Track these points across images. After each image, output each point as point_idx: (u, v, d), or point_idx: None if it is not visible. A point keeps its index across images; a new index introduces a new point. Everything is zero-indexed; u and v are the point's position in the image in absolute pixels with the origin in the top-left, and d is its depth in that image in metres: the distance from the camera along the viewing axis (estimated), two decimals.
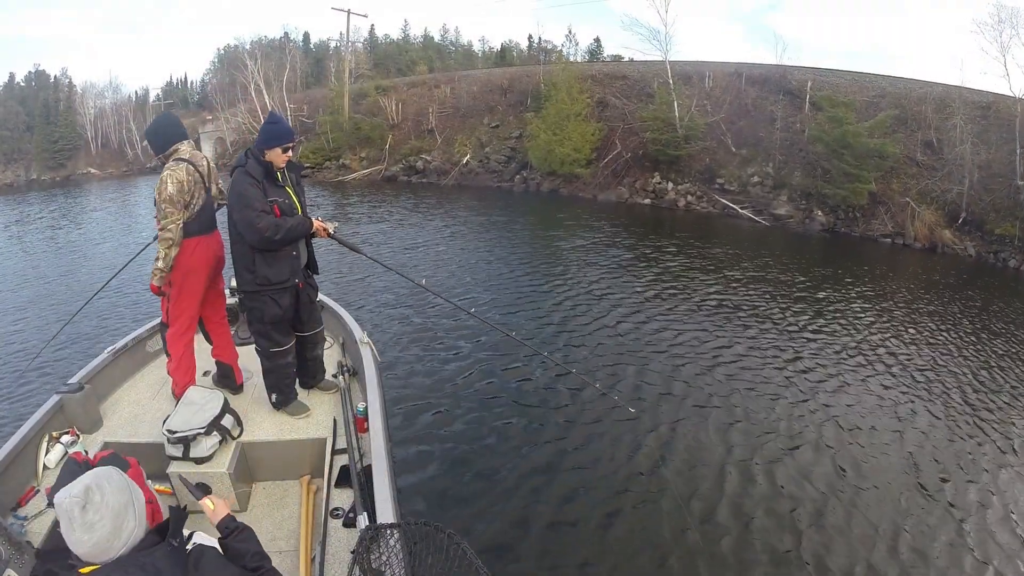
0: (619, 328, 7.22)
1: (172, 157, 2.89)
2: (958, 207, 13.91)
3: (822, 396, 5.65)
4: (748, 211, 16.29)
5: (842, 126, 14.87)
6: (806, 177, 15.89)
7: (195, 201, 2.91)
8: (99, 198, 23.47)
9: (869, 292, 9.43)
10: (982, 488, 4.36)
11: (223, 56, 51.25)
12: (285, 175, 2.83)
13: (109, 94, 41.89)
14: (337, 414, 3.04)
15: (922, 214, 13.90)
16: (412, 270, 9.43)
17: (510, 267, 10.12)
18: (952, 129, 14.84)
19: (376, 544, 1.92)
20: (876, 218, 14.69)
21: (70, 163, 36.42)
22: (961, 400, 5.75)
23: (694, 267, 10.43)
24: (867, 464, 4.54)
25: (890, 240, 14.14)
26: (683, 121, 17.98)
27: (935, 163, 15.11)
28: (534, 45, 54.26)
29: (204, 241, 2.98)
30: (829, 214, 15.19)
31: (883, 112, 16.05)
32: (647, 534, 3.71)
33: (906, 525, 3.88)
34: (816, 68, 20.89)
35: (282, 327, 2.94)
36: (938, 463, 4.65)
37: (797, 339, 7.12)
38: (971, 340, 7.48)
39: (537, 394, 5.49)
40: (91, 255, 12.41)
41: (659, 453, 4.57)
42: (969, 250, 13.32)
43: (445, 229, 13.51)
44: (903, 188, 14.81)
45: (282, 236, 2.66)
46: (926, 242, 13.66)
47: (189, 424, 2.57)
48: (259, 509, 2.68)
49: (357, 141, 25.26)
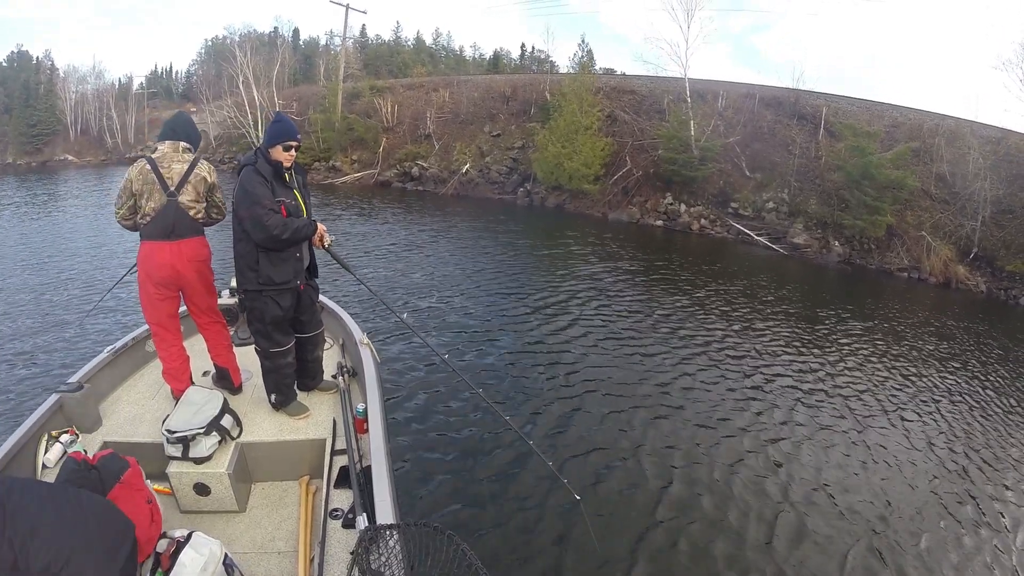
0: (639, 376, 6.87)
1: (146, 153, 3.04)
2: (970, 242, 14.53)
3: (868, 437, 5.80)
4: (764, 238, 16.63)
5: (865, 156, 15.42)
6: (822, 206, 16.38)
7: (144, 203, 2.99)
8: (80, 187, 23.45)
9: (904, 331, 9.70)
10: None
11: (211, 48, 52.17)
12: (292, 177, 3.01)
13: (92, 80, 42.06)
14: (336, 415, 3.19)
15: (938, 249, 14.43)
16: (402, 290, 9.44)
17: (514, 295, 9.57)
18: (965, 163, 15.54)
19: (375, 545, 2.03)
20: (891, 250, 15.18)
21: (47, 148, 36.44)
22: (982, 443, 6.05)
23: (735, 305, 10.04)
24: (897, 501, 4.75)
25: (906, 274, 14.61)
26: (699, 142, 18.40)
27: (947, 197, 15.74)
28: (527, 54, 55.67)
29: (156, 247, 3.00)
30: (845, 245, 15.64)
31: (902, 144, 16.65)
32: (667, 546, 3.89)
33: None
34: (828, 94, 21.66)
35: (282, 327, 3.09)
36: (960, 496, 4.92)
37: (838, 381, 7.18)
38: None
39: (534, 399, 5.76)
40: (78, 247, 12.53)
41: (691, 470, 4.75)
42: (980, 286, 13.85)
43: (444, 245, 13.36)
44: (917, 221, 15.39)
45: (289, 236, 2.81)
46: (941, 277, 14.16)
47: (188, 424, 2.70)
48: (258, 510, 2.81)
49: (349, 142, 25.59)
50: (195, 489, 2.67)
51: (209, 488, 2.67)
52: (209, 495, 2.69)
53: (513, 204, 20.83)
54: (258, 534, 2.65)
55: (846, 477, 5.05)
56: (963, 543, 4.38)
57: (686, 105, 19.63)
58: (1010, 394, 7.54)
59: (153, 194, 2.97)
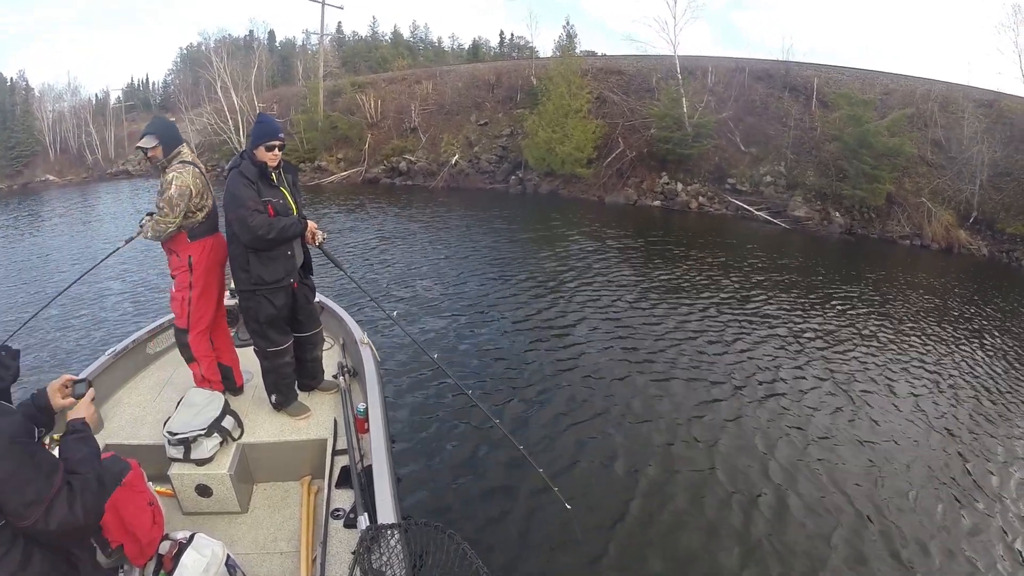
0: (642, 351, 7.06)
1: (177, 159, 3.10)
2: (969, 206, 14.67)
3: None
4: (764, 213, 16.73)
5: (862, 125, 15.50)
6: (820, 177, 16.46)
7: (205, 203, 3.17)
8: (64, 206, 23.31)
9: (921, 303, 9.78)
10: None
11: (186, 55, 51.92)
12: (281, 176, 3.09)
13: (68, 97, 41.79)
14: (337, 415, 3.27)
15: (939, 215, 14.55)
16: (395, 286, 9.46)
17: (510, 289, 9.46)
18: (960, 127, 15.66)
19: (377, 544, 2.11)
20: (892, 219, 15.28)
21: (27, 170, 36.26)
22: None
23: (737, 283, 10.06)
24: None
25: (908, 242, 14.74)
26: (692, 119, 18.44)
27: (944, 162, 15.85)
28: (506, 42, 55.57)
29: (217, 239, 3.26)
30: (845, 215, 15.74)
31: (897, 111, 16.72)
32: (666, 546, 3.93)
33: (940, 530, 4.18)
34: (818, 64, 21.66)
35: (278, 326, 3.17)
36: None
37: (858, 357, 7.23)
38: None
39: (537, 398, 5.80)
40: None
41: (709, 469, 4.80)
42: (982, 250, 14.05)
43: (436, 239, 13.24)
44: (915, 188, 15.49)
45: (275, 235, 2.89)
46: (943, 243, 14.32)
47: (190, 426, 2.78)
48: (260, 510, 2.89)
49: (334, 141, 25.50)
50: (197, 490, 2.74)
51: (211, 489, 2.74)
52: (211, 496, 2.76)
53: (505, 193, 20.82)
54: (260, 535, 2.72)
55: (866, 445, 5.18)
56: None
57: (676, 82, 19.62)
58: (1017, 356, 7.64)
59: (209, 193, 3.21)
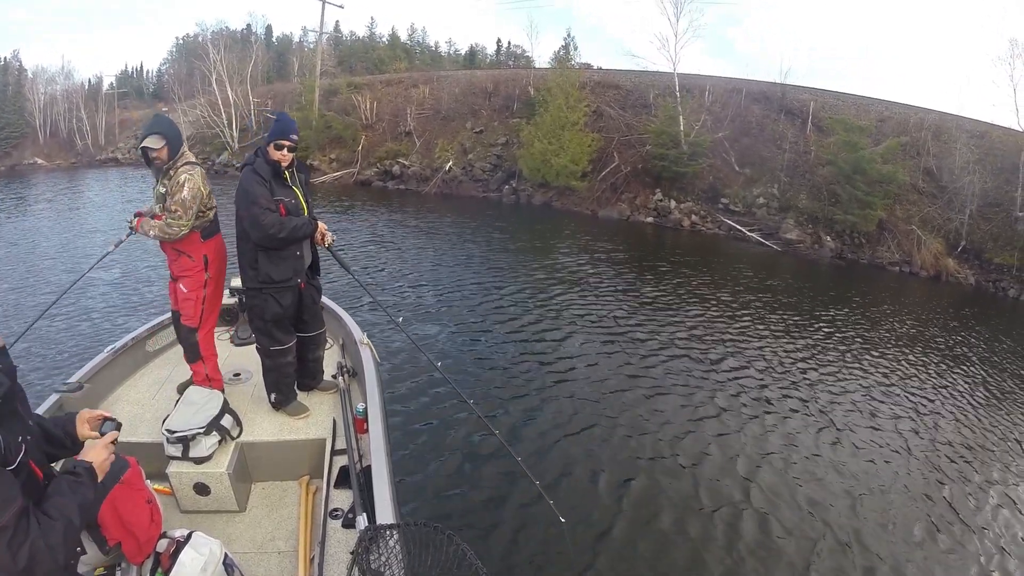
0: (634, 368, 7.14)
1: (182, 160, 3.11)
2: (958, 235, 15.11)
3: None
4: (756, 234, 16.97)
5: (857, 151, 15.85)
6: (813, 200, 16.78)
7: (212, 203, 3.24)
8: (51, 190, 22.96)
9: (906, 329, 10.02)
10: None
11: (183, 46, 51.57)
12: (294, 176, 3.11)
13: (61, 80, 41.23)
14: (336, 415, 3.26)
15: (928, 242, 14.92)
16: (385, 290, 9.55)
17: (505, 299, 9.56)
18: (952, 157, 16.13)
19: (375, 545, 2.10)
20: (882, 244, 15.63)
21: (15, 152, 35.74)
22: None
23: (727, 303, 10.26)
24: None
25: (897, 268, 15.08)
26: (688, 137, 18.70)
27: (935, 190, 16.31)
28: (503, 50, 56.05)
29: (220, 238, 3.35)
30: (836, 239, 16.05)
31: (891, 138, 17.12)
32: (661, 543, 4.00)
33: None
34: (814, 89, 22.12)
35: (283, 326, 3.17)
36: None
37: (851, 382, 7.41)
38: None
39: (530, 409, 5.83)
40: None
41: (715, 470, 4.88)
42: (969, 279, 14.43)
43: (430, 246, 13.34)
44: (906, 215, 15.88)
45: (286, 234, 2.91)
46: (932, 271, 14.68)
47: (188, 424, 2.76)
48: (258, 509, 2.87)
49: (327, 140, 25.48)
50: (195, 489, 2.72)
51: (209, 488, 2.72)
52: (209, 495, 2.74)
53: (499, 202, 20.90)
54: (258, 534, 2.71)
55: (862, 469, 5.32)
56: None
57: (674, 100, 19.90)
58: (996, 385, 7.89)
59: (212, 195, 3.26)
